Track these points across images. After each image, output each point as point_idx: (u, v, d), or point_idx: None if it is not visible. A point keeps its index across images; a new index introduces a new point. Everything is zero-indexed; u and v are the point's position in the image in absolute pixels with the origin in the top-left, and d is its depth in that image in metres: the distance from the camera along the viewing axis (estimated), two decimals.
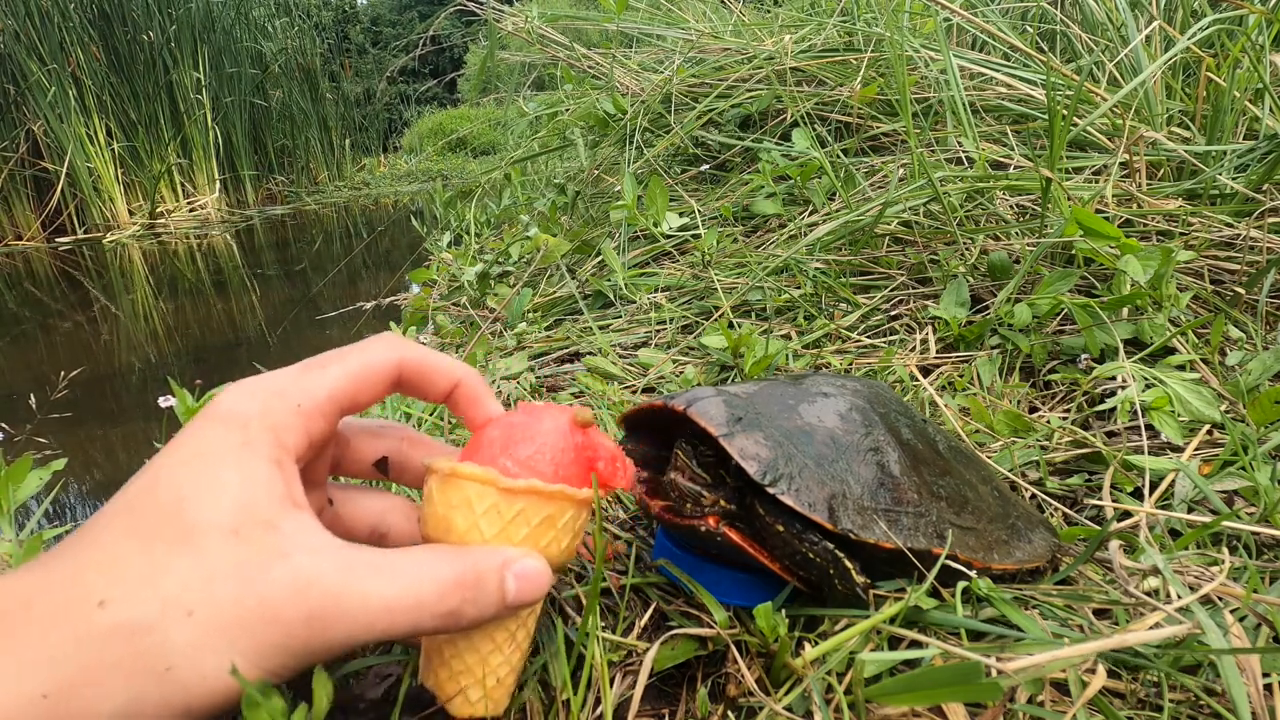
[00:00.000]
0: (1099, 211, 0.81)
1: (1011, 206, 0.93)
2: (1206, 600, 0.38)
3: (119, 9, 4.62)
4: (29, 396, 1.45)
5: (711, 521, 0.39)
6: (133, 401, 1.75)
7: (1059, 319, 0.76)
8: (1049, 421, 0.61)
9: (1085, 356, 0.70)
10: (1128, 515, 0.49)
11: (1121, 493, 0.53)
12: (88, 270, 3.49)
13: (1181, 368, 0.64)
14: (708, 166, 1.34)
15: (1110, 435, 0.61)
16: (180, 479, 0.29)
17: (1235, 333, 0.69)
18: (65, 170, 4.34)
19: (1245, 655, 0.33)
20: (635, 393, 0.78)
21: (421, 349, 0.35)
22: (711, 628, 0.40)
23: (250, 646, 0.27)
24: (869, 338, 0.82)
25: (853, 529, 0.38)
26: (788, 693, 0.36)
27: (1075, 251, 0.76)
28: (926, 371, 0.74)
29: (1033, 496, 0.54)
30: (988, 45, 1.23)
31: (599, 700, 0.37)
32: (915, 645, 0.37)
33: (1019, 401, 0.68)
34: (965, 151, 1.01)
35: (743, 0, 1.89)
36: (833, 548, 0.38)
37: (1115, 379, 0.64)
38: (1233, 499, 0.50)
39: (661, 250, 1.17)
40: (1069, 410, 0.64)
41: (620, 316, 1.02)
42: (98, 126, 4.47)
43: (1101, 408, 0.62)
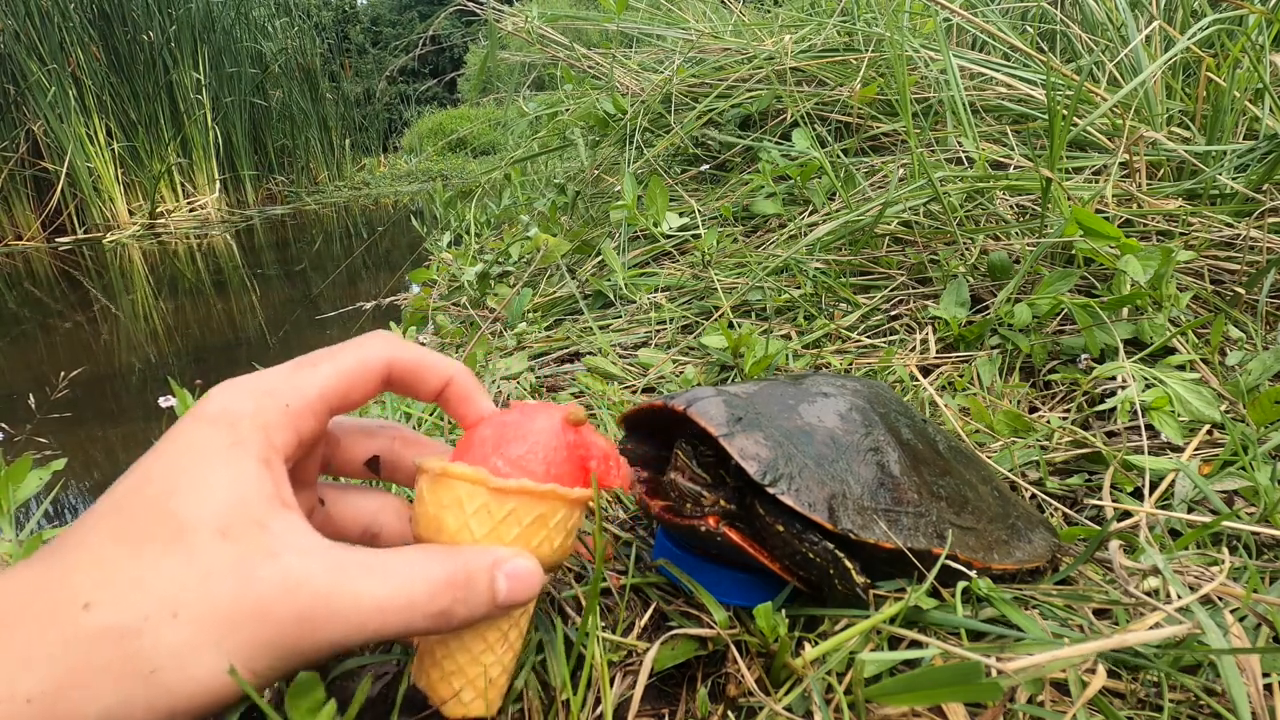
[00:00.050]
0: (1099, 211, 0.81)
1: (1011, 206, 0.93)
2: (1206, 600, 0.38)
3: (119, 9, 4.62)
4: (29, 396, 1.45)
5: (711, 521, 0.39)
6: (133, 401, 1.75)
7: (1059, 319, 0.76)
8: (1049, 421, 0.61)
9: (1085, 356, 0.70)
10: (1128, 515, 0.49)
11: (1121, 493, 0.53)
12: (88, 270, 3.49)
13: (1181, 368, 0.64)
14: (708, 166, 1.34)
15: (1110, 435, 0.61)
16: (168, 479, 0.28)
17: (1235, 333, 0.69)
18: (65, 170, 4.34)
19: (1245, 655, 0.33)
20: (635, 393, 0.78)
21: (412, 347, 0.35)
22: (711, 628, 0.40)
23: (238, 648, 0.27)
24: (869, 338, 0.82)
25: (853, 529, 0.38)
26: (788, 693, 0.36)
27: (1075, 251, 0.76)
28: (926, 371, 0.74)
29: (1033, 496, 0.54)
30: (988, 45, 1.23)
31: (599, 700, 0.37)
32: (915, 645, 0.37)
33: (1019, 401, 0.68)
34: (965, 151, 1.01)
35: (743, 0, 1.89)
36: (833, 548, 0.38)
37: (1115, 379, 0.64)
38: (1233, 499, 0.50)
39: (661, 250, 1.17)
40: (1069, 410, 0.64)
41: (620, 316, 1.02)
42: (98, 126, 4.47)
43: (1101, 408, 0.62)
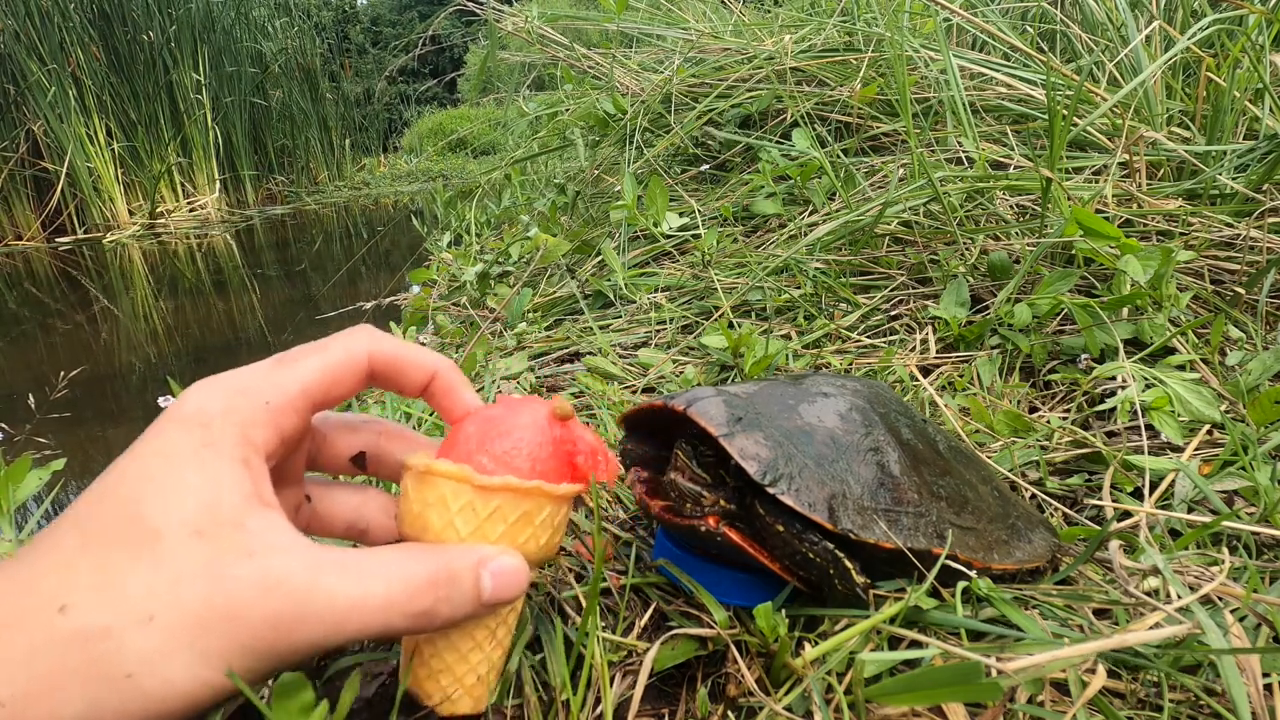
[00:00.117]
0: (1099, 211, 0.81)
1: (1011, 206, 0.93)
2: (1206, 600, 0.38)
3: (119, 9, 4.61)
4: (29, 396, 1.45)
5: (711, 521, 0.39)
6: (133, 401, 1.75)
7: (1059, 319, 0.76)
8: (1049, 421, 0.61)
9: (1085, 356, 0.70)
10: (1128, 515, 0.49)
11: (1121, 493, 0.53)
12: (88, 270, 3.49)
13: (1181, 368, 0.64)
14: (708, 166, 1.34)
15: (1110, 435, 0.61)
16: (141, 481, 0.28)
17: (1235, 333, 0.69)
18: (65, 170, 4.34)
19: (1245, 655, 0.33)
20: (635, 393, 0.78)
21: (395, 341, 0.35)
22: (711, 628, 0.40)
23: (214, 649, 0.26)
24: (869, 338, 0.82)
25: (853, 529, 0.38)
26: (788, 693, 0.36)
27: (1075, 251, 0.76)
28: (926, 371, 0.74)
29: (1033, 496, 0.54)
30: (988, 45, 1.23)
31: (599, 700, 0.37)
32: (915, 645, 0.37)
33: (1019, 401, 0.68)
34: (965, 151, 1.01)
35: (743, 0, 1.89)
36: (833, 548, 0.38)
37: (1115, 379, 0.64)
38: (1233, 499, 0.50)
39: (661, 250, 1.17)
40: (1069, 410, 0.64)
41: (620, 316, 1.02)
42: (98, 126, 4.47)
43: (1101, 408, 0.62)
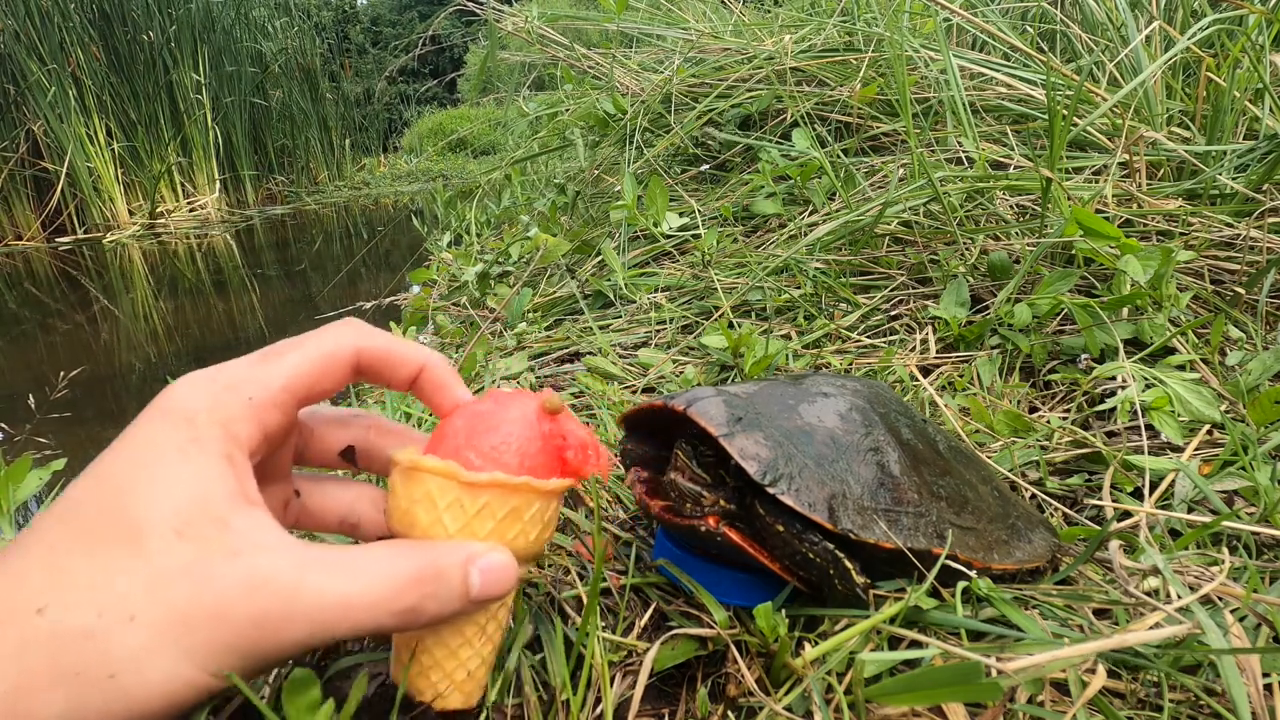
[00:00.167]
0: (1099, 211, 0.81)
1: (1011, 206, 0.93)
2: (1206, 600, 0.38)
3: (119, 9, 4.61)
4: (29, 396, 1.45)
5: (711, 521, 0.39)
6: (132, 401, 1.75)
7: (1059, 319, 0.76)
8: (1049, 421, 0.61)
9: (1085, 356, 0.70)
10: (1128, 515, 0.49)
11: (1121, 493, 0.53)
12: (88, 270, 3.49)
13: (1181, 368, 0.64)
14: (708, 166, 1.34)
15: (1110, 435, 0.61)
16: (124, 478, 0.28)
17: (1235, 333, 0.69)
18: (65, 170, 4.34)
19: (1245, 655, 0.33)
20: (635, 393, 0.78)
21: (382, 334, 0.34)
22: (711, 628, 0.40)
23: (198, 649, 0.26)
24: (869, 338, 0.82)
25: (853, 529, 0.38)
26: (788, 693, 0.36)
27: (1075, 251, 0.76)
28: (926, 371, 0.74)
29: (1033, 496, 0.54)
30: (988, 45, 1.23)
31: (599, 700, 0.37)
32: (915, 645, 0.37)
33: (1019, 401, 0.68)
34: (965, 151, 1.01)
35: (743, 0, 1.89)
36: (833, 548, 0.38)
37: (1115, 379, 0.64)
38: (1233, 499, 0.50)
39: (661, 250, 1.17)
40: (1069, 410, 0.64)
41: (620, 316, 1.02)
42: (98, 126, 4.47)
43: (1101, 408, 0.62)
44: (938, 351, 0.77)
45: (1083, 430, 0.60)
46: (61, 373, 1.61)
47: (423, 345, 0.35)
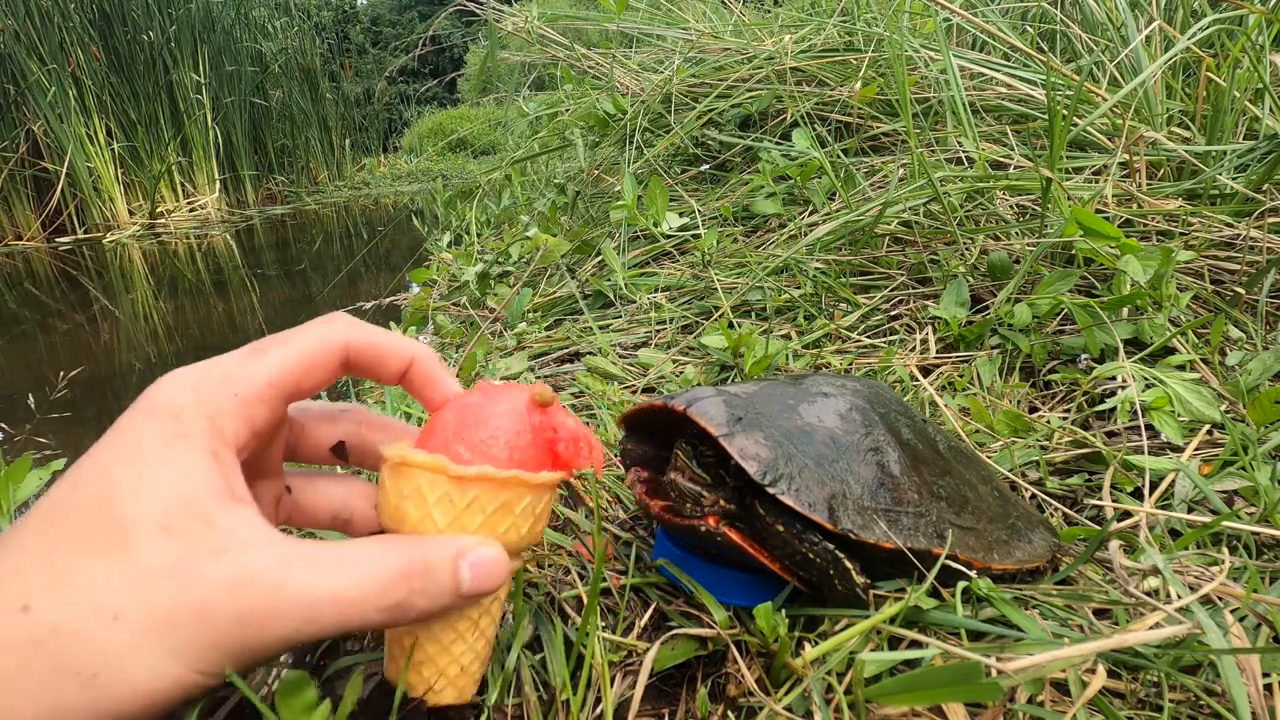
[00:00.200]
0: (1099, 211, 0.81)
1: (1011, 206, 0.93)
2: (1206, 600, 0.38)
3: (119, 9, 4.61)
4: (29, 396, 1.45)
5: (711, 521, 0.39)
6: (132, 401, 1.75)
7: (1059, 319, 0.76)
8: (1049, 421, 0.61)
9: (1085, 356, 0.70)
10: (1128, 515, 0.49)
11: (1121, 493, 0.53)
12: (88, 270, 3.49)
13: (1181, 368, 0.64)
14: (708, 166, 1.34)
15: (1110, 435, 0.61)
16: (109, 476, 0.28)
17: (1235, 333, 0.69)
18: (65, 170, 4.34)
19: (1245, 655, 0.33)
20: (635, 393, 0.78)
21: (371, 328, 0.34)
22: (711, 628, 0.40)
23: (183, 647, 0.26)
24: (869, 338, 0.82)
25: (853, 529, 0.38)
26: (788, 693, 0.36)
27: (1075, 251, 0.76)
28: (926, 371, 0.74)
29: (1033, 496, 0.54)
30: (988, 45, 1.23)
31: (599, 700, 0.37)
32: (915, 645, 0.37)
33: (1019, 401, 0.68)
34: (965, 151, 1.01)
35: (743, 0, 1.89)
36: (833, 548, 0.38)
37: (1115, 379, 0.64)
38: (1233, 499, 0.50)
39: (661, 250, 1.17)
40: (1069, 410, 0.64)
41: (620, 316, 1.02)
42: (98, 126, 4.47)
43: (1101, 408, 0.62)
44: (938, 351, 0.77)
45: (1083, 430, 0.60)
46: (61, 373, 1.61)
47: (412, 339, 0.35)
